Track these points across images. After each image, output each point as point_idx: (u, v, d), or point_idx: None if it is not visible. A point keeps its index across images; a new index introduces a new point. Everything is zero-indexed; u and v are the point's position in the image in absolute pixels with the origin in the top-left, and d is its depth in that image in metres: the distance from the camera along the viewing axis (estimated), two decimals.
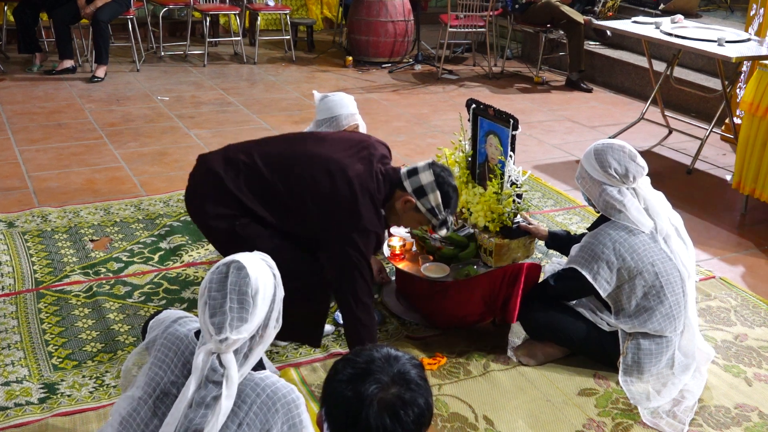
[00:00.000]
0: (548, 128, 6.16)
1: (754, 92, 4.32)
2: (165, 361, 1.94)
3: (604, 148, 2.91)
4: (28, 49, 7.16)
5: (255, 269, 1.85)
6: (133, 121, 5.90)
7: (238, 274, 1.82)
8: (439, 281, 3.18)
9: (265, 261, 1.92)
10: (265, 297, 1.85)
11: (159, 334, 2.01)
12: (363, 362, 1.50)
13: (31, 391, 2.78)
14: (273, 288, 1.88)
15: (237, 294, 1.81)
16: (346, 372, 1.50)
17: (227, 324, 1.79)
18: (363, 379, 1.47)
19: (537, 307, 3.03)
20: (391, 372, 1.48)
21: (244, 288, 1.81)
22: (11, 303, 3.34)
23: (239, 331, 1.80)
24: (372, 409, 1.43)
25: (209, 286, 1.84)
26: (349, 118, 3.56)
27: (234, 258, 1.86)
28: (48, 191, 4.54)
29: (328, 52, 8.52)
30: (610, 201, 2.87)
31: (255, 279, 1.83)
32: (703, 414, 2.80)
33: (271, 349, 3.07)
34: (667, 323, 2.87)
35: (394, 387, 1.46)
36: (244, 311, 1.81)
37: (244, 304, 1.81)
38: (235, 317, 1.80)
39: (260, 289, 1.83)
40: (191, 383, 1.81)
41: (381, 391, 1.45)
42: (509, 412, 2.77)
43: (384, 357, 1.51)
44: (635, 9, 7.80)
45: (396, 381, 1.47)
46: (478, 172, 3.47)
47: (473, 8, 7.63)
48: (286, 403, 1.85)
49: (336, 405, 1.48)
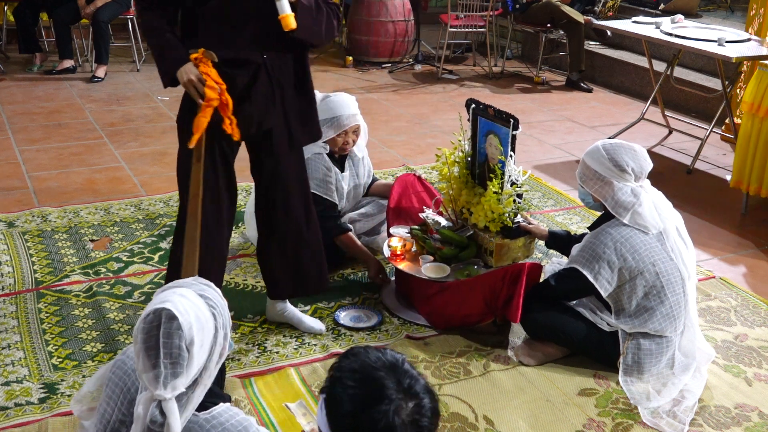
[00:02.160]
0: (548, 128, 6.16)
1: (754, 92, 4.32)
2: (113, 398, 1.84)
3: (614, 147, 2.90)
4: (28, 49, 7.16)
5: (188, 316, 1.68)
6: (133, 121, 5.90)
7: (170, 326, 1.65)
8: (440, 281, 3.18)
9: (205, 297, 1.75)
10: (203, 344, 1.70)
11: (109, 368, 1.91)
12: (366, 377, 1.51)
13: (31, 391, 2.78)
14: (212, 329, 1.73)
15: (169, 348, 1.65)
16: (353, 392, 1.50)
17: (161, 381, 1.65)
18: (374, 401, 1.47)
19: (537, 307, 3.03)
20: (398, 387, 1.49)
21: (176, 342, 1.65)
22: (11, 303, 3.34)
23: (174, 386, 1.66)
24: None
25: (139, 336, 1.68)
26: (350, 119, 3.56)
27: (164, 305, 1.68)
28: (48, 191, 4.54)
29: (328, 52, 8.52)
30: (624, 201, 2.86)
31: (188, 329, 1.66)
32: (703, 414, 2.80)
33: (271, 349, 3.07)
34: (667, 323, 2.87)
35: (409, 402, 1.48)
36: (178, 366, 1.66)
37: (178, 359, 1.65)
38: (168, 373, 1.65)
39: (195, 338, 1.67)
40: (136, 429, 1.68)
41: (398, 413, 1.47)
42: (509, 412, 2.77)
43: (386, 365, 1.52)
44: (635, 9, 7.80)
45: (407, 395, 1.48)
46: (478, 172, 3.47)
47: (473, 8, 7.63)
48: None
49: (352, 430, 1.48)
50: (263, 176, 2.97)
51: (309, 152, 3.54)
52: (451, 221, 3.46)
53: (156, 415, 1.66)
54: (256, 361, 3.00)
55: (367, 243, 3.80)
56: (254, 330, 3.21)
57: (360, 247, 3.58)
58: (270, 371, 2.94)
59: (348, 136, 3.60)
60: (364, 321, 3.29)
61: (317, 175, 3.54)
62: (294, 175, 2.97)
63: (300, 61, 2.85)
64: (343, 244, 3.57)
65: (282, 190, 2.96)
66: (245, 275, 3.64)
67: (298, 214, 3.01)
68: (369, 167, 3.89)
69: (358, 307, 3.40)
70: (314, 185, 3.52)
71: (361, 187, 3.86)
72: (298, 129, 2.90)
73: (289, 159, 2.93)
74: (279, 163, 2.91)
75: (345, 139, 3.60)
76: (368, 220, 3.84)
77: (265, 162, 2.92)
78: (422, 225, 3.44)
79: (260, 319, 3.28)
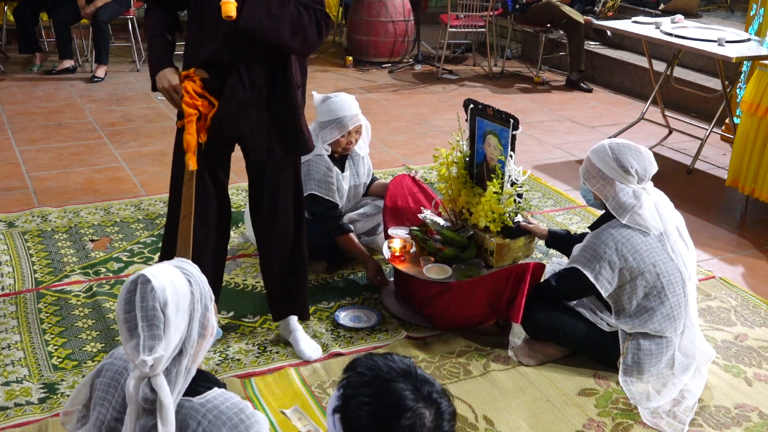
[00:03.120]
0: (548, 128, 6.16)
1: (754, 92, 4.32)
2: (107, 398, 1.83)
3: (621, 147, 2.90)
4: (28, 49, 7.16)
5: (162, 279, 1.70)
6: (133, 121, 5.90)
7: (145, 289, 1.68)
8: (442, 282, 3.18)
9: (180, 267, 1.78)
10: (179, 307, 1.71)
11: (90, 378, 1.90)
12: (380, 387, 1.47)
13: (31, 391, 2.78)
14: (189, 295, 1.74)
15: (144, 311, 1.67)
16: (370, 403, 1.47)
17: (141, 345, 1.66)
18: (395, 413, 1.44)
19: (537, 307, 3.03)
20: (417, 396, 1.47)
21: (150, 303, 1.67)
22: (11, 303, 3.34)
23: (154, 350, 1.66)
24: None
25: (119, 308, 1.71)
26: (353, 119, 3.57)
27: (141, 272, 1.72)
28: (48, 191, 4.54)
29: (328, 52, 8.52)
30: (624, 202, 2.86)
31: (162, 290, 1.68)
32: (703, 414, 2.80)
33: (270, 349, 3.07)
34: (667, 324, 2.87)
35: (428, 409, 1.46)
36: (155, 327, 1.67)
37: (153, 320, 1.67)
38: (146, 336, 1.66)
39: (169, 299, 1.69)
40: (131, 414, 1.70)
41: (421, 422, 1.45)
42: (509, 412, 2.77)
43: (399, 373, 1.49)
44: (635, 9, 7.80)
45: (426, 402, 1.46)
46: (476, 172, 3.47)
47: (473, 8, 7.63)
48: (233, 426, 1.72)
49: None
50: (249, 183, 2.93)
51: (310, 154, 3.54)
52: (451, 222, 3.45)
53: (147, 393, 1.68)
54: (256, 361, 3.00)
55: (367, 243, 3.80)
56: (254, 330, 3.21)
57: (359, 247, 3.58)
58: (270, 371, 2.94)
59: (351, 136, 3.61)
60: (363, 321, 3.29)
61: (318, 176, 3.54)
62: (283, 186, 2.87)
63: (282, 70, 2.72)
64: (343, 244, 3.57)
65: (269, 201, 2.88)
66: (245, 275, 3.64)
67: (286, 229, 2.92)
68: (369, 166, 3.89)
69: (357, 307, 3.40)
70: (315, 186, 3.53)
71: (362, 186, 3.86)
72: (279, 139, 2.79)
73: (277, 169, 2.84)
74: (264, 172, 2.84)
75: (348, 140, 3.61)
76: (368, 220, 3.84)
77: (249, 168, 2.90)
78: (421, 226, 3.44)
79: (260, 319, 3.28)
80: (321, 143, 3.58)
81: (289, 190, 2.89)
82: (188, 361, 1.74)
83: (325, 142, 3.57)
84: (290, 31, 2.59)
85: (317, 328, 3.22)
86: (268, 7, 2.55)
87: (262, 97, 2.72)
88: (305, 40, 2.64)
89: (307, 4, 2.63)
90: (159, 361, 1.67)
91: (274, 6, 2.56)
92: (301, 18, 2.60)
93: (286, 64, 2.73)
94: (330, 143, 3.58)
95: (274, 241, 2.94)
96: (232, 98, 2.69)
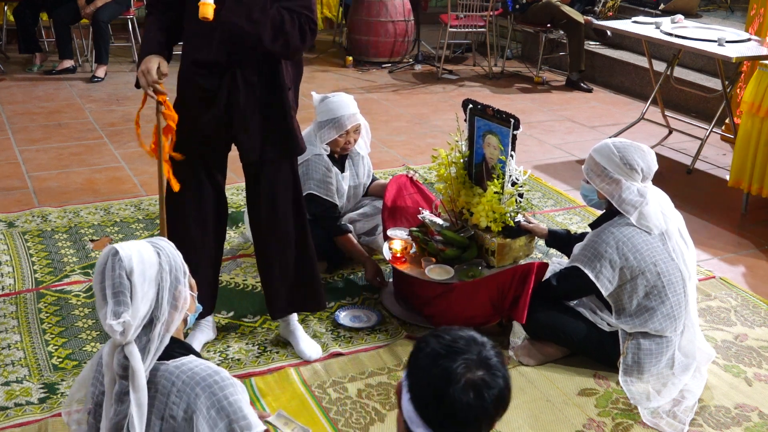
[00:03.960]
0: (548, 128, 6.16)
1: (754, 92, 4.32)
2: (97, 378, 1.91)
3: (625, 146, 2.90)
4: (28, 49, 7.16)
5: (130, 249, 1.80)
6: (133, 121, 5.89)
7: (113, 260, 1.78)
8: (444, 283, 3.17)
9: (152, 242, 1.86)
10: (146, 275, 1.79)
11: (92, 366, 1.97)
12: (450, 340, 1.53)
13: (31, 391, 2.78)
14: (156, 265, 1.82)
15: (111, 279, 1.77)
16: (433, 347, 1.52)
17: (109, 311, 1.75)
18: (450, 357, 1.50)
19: (537, 307, 3.02)
20: (476, 354, 1.52)
21: (117, 271, 1.77)
22: (11, 303, 3.34)
23: (120, 315, 1.75)
24: (459, 386, 1.47)
25: (94, 280, 1.81)
26: (351, 119, 3.57)
27: (112, 246, 1.82)
28: (48, 191, 4.54)
29: (328, 52, 8.52)
30: (630, 200, 2.86)
31: (128, 259, 1.78)
32: (703, 414, 2.80)
33: (270, 349, 3.07)
34: (668, 323, 2.87)
35: (480, 369, 1.50)
36: (122, 294, 1.76)
37: (120, 287, 1.76)
38: (113, 302, 1.76)
39: (135, 268, 1.77)
40: (108, 383, 1.79)
41: (468, 370, 1.49)
42: (509, 412, 2.74)
43: (469, 338, 1.54)
44: (635, 9, 7.80)
45: (482, 363, 1.51)
46: (475, 172, 3.47)
47: (473, 8, 7.63)
48: (207, 386, 1.78)
49: (422, 379, 1.51)
50: (246, 184, 2.93)
51: (309, 153, 3.55)
52: (450, 222, 3.45)
53: (121, 359, 1.77)
54: (256, 361, 3.00)
55: (367, 243, 3.80)
56: (254, 330, 3.21)
57: (358, 248, 3.58)
58: (270, 371, 2.94)
59: (349, 136, 3.61)
60: (363, 321, 3.29)
61: (317, 176, 3.54)
62: (281, 187, 2.86)
63: (275, 72, 2.72)
64: (342, 245, 3.57)
65: (267, 202, 2.88)
66: (245, 275, 3.64)
67: (287, 229, 2.92)
68: (369, 167, 3.89)
69: (357, 307, 3.40)
70: (314, 186, 3.53)
71: (361, 186, 3.86)
72: (272, 141, 2.79)
73: (273, 170, 2.83)
74: (260, 173, 2.84)
75: (347, 139, 3.61)
76: (368, 220, 3.84)
77: (246, 170, 2.90)
78: (421, 226, 3.44)
79: (260, 319, 3.28)
80: (320, 143, 3.58)
81: (287, 190, 2.89)
82: (161, 329, 1.81)
83: (323, 142, 3.57)
84: (271, 36, 2.57)
85: (317, 328, 3.22)
86: (249, 12, 2.53)
87: (256, 99, 2.72)
88: (287, 45, 2.62)
89: (292, 8, 2.61)
90: (128, 328, 1.76)
91: (255, 11, 2.53)
92: (283, 23, 2.58)
93: (278, 66, 2.73)
94: (329, 143, 3.58)
95: (275, 242, 2.93)
96: (225, 99, 2.69)
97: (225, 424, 1.78)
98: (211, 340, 3.11)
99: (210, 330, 3.11)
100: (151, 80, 2.60)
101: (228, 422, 1.79)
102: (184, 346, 1.92)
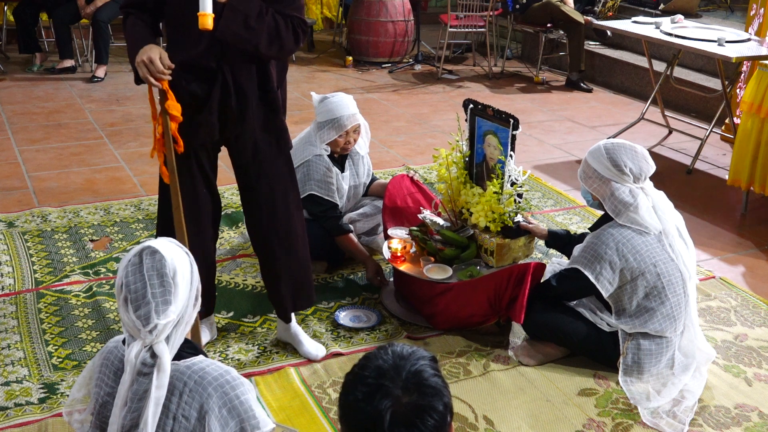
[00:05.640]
0: (548, 128, 6.16)
1: (754, 92, 4.32)
2: (102, 379, 1.90)
3: (615, 147, 2.90)
4: (28, 49, 7.17)
5: (168, 251, 1.81)
6: (133, 121, 5.90)
7: (153, 258, 1.78)
8: (443, 282, 3.18)
9: (176, 244, 1.88)
10: (184, 276, 1.82)
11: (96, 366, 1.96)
12: (372, 377, 1.45)
13: (31, 391, 2.78)
14: (189, 267, 1.85)
15: (157, 278, 1.77)
16: (358, 390, 1.45)
17: (153, 311, 1.75)
18: (374, 395, 1.42)
19: (537, 307, 3.03)
20: (402, 379, 1.44)
21: (162, 270, 1.77)
22: (11, 303, 3.34)
23: (166, 314, 1.76)
24: (386, 424, 1.39)
25: (126, 280, 1.79)
26: (350, 119, 3.57)
27: (144, 244, 1.82)
28: (48, 191, 4.54)
29: (328, 52, 8.52)
30: (621, 201, 2.86)
31: (171, 260, 1.79)
32: (703, 414, 2.80)
33: (270, 349, 3.07)
34: (668, 324, 2.87)
35: (407, 396, 1.42)
36: (167, 293, 1.77)
37: (165, 286, 1.77)
38: (159, 302, 1.76)
39: (178, 269, 1.80)
40: (125, 380, 1.78)
41: (394, 404, 1.41)
42: (509, 412, 2.77)
43: (392, 365, 1.46)
44: (635, 9, 7.80)
45: (408, 388, 1.43)
46: (476, 172, 3.47)
47: (473, 8, 7.63)
48: (219, 386, 1.80)
49: (352, 425, 1.45)
50: (240, 187, 2.93)
51: (309, 154, 3.55)
52: (450, 222, 3.45)
53: (146, 358, 1.77)
54: (256, 361, 3.00)
55: (367, 243, 3.80)
56: (254, 330, 3.21)
57: (359, 248, 3.58)
58: (270, 371, 2.94)
59: (349, 136, 3.61)
60: (363, 321, 3.29)
61: (317, 176, 3.54)
62: (278, 185, 2.86)
63: (265, 72, 2.72)
64: (342, 244, 3.58)
65: (266, 201, 2.87)
66: (245, 275, 3.64)
67: (288, 227, 2.91)
68: (369, 166, 3.89)
69: (357, 307, 3.40)
70: (314, 186, 3.53)
71: (361, 186, 3.86)
72: (264, 139, 2.80)
73: (267, 169, 2.83)
74: (256, 173, 2.83)
75: (346, 139, 3.61)
76: (368, 220, 3.84)
77: (238, 170, 2.89)
78: (421, 226, 3.44)
79: (260, 319, 3.29)
80: (320, 143, 3.58)
81: (285, 188, 2.89)
82: (185, 328, 1.84)
83: (323, 142, 3.58)
84: (267, 42, 2.59)
85: (317, 328, 3.22)
86: (246, 19, 2.54)
87: (247, 100, 2.72)
88: (282, 48, 2.65)
89: (284, 12, 2.63)
90: (167, 326, 1.77)
91: (251, 18, 2.55)
92: (278, 28, 2.60)
93: (267, 67, 2.74)
94: (329, 143, 3.58)
95: (276, 241, 2.93)
96: (219, 102, 2.69)
97: (236, 423, 1.81)
98: (211, 340, 3.11)
99: (210, 330, 3.11)
100: (158, 69, 2.52)
101: (239, 421, 1.81)
102: (193, 346, 1.93)
